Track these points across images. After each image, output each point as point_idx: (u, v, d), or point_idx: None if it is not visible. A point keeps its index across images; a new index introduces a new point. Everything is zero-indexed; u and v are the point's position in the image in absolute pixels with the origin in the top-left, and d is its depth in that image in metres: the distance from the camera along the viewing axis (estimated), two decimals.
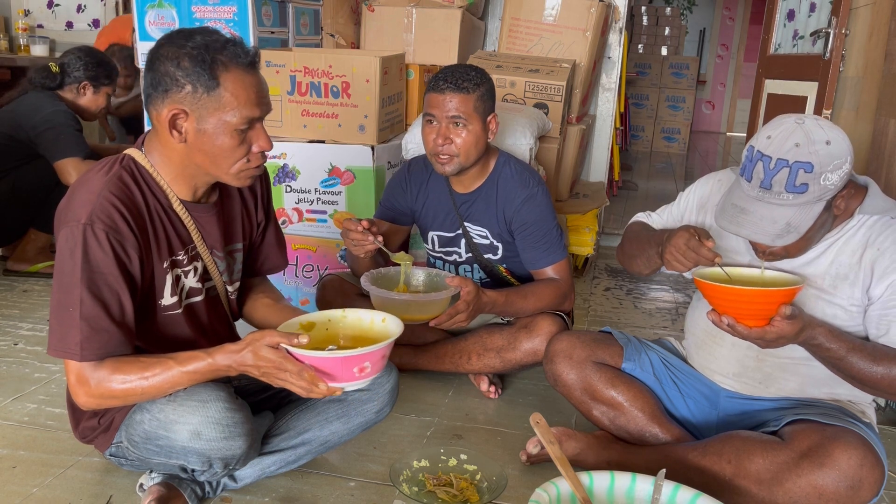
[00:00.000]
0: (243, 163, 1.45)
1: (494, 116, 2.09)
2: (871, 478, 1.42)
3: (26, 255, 3.16)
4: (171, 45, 1.38)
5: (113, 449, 1.57)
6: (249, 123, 1.42)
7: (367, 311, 1.58)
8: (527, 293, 2.11)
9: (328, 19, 3.36)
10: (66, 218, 1.37)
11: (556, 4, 3.40)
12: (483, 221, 2.20)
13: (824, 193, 1.40)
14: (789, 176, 1.38)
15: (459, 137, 2.02)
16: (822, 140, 1.38)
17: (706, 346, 1.76)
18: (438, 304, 1.87)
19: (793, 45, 3.34)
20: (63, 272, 1.36)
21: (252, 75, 1.42)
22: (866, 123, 2.62)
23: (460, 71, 2.04)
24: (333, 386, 1.38)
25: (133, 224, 1.39)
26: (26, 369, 2.27)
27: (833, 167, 1.38)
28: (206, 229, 1.55)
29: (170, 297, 1.50)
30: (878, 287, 1.48)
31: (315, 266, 2.78)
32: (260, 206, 1.71)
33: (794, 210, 1.40)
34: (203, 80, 1.36)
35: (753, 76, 3.84)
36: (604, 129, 4.04)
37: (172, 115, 1.38)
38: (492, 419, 2.10)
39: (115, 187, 1.39)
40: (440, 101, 2.02)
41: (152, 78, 1.39)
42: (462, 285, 1.89)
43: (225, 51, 1.38)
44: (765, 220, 1.41)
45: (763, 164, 1.41)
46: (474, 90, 2.02)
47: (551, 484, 1.38)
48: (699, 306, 1.79)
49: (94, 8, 4.84)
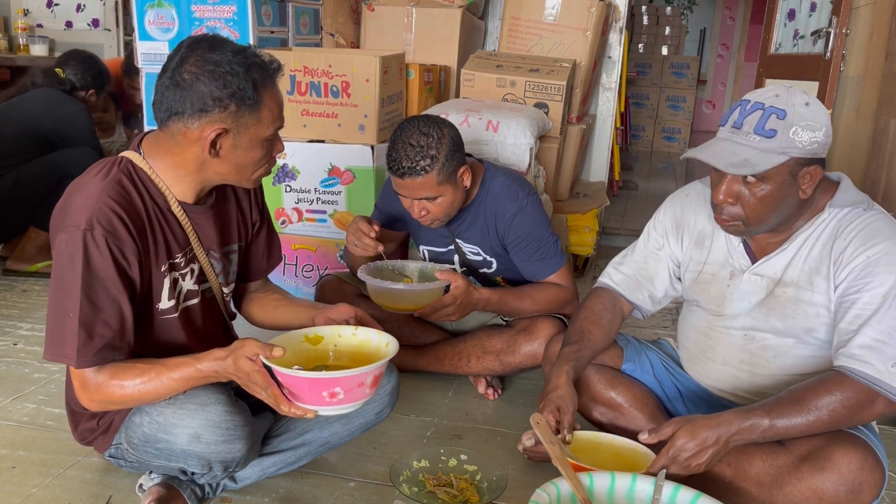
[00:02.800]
0: (264, 168, 1.49)
1: (465, 169, 2.00)
2: (871, 481, 1.42)
3: (26, 254, 3.15)
4: (206, 62, 1.35)
5: (112, 450, 1.57)
6: (276, 132, 1.45)
7: (378, 333, 1.54)
8: (523, 294, 2.10)
9: (328, 19, 3.36)
10: (65, 223, 1.35)
11: (557, 4, 3.40)
12: (475, 239, 2.17)
13: (789, 147, 1.41)
14: (761, 118, 1.42)
15: (434, 206, 1.99)
16: (801, 100, 1.44)
17: (698, 360, 1.76)
18: (429, 296, 1.88)
19: (793, 45, 3.34)
20: (62, 277, 1.34)
21: (276, 87, 1.45)
22: (867, 123, 2.61)
23: (415, 148, 1.90)
24: (305, 408, 1.36)
25: (132, 229, 1.38)
26: (26, 369, 2.27)
27: (805, 125, 1.41)
28: (203, 230, 1.54)
29: (167, 301, 1.49)
30: (840, 275, 1.48)
31: (315, 266, 2.78)
32: (255, 206, 1.70)
33: (756, 152, 1.42)
34: (249, 98, 1.37)
35: (754, 76, 3.84)
36: (604, 129, 4.03)
37: (216, 134, 1.37)
38: (492, 419, 2.10)
39: (113, 191, 1.37)
40: (403, 186, 1.95)
41: (183, 96, 1.35)
42: (452, 280, 1.89)
43: (259, 66, 1.40)
44: (725, 152, 1.45)
45: (741, 107, 1.47)
46: (432, 167, 1.90)
47: (551, 484, 1.38)
48: (689, 318, 1.78)
49: (94, 8, 4.84)
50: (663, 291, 1.78)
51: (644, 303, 1.79)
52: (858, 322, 1.44)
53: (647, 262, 1.78)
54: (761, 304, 1.59)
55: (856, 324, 1.44)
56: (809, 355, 1.57)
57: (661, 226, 1.77)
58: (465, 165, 2.01)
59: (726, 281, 1.65)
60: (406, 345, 2.31)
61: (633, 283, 1.79)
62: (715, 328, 1.69)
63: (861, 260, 1.45)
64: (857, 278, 1.45)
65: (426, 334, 2.28)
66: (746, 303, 1.61)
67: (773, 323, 1.58)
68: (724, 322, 1.66)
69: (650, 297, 1.79)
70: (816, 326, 1.54)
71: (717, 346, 1.69)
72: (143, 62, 2.90)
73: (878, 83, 2.54)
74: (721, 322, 1.67)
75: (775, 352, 1.60)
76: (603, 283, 1.83)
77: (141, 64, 2.91)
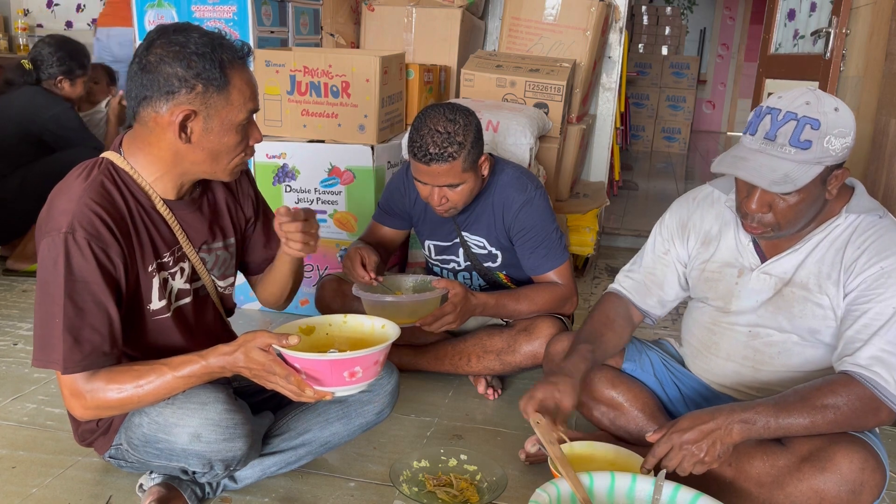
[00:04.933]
0: (240, 157, 1.46)
1: (486, 158, 2.02)
2: (872, 481, 1.42)
3: (26, 253, 3.16)
4: (171, 44, 1.35)
5: (112, 451, 1.57)
6: (249, 118, 1.43)
7: (369, 318, 1.57)
8: (520, 296, 2.10)
9: (328, 19, 3.35)
10: (48, 227, 1.33)
11: (557, 4, 3.40)
12: (481, 231, 2.18)
13: (824, 157, 1.40)
14: (795, 129, 1.40)
15: (454, 193, 1.99)
16: (831, 105, 1.41)
17: (701, 356, 1.76)
18: (428, 306, 1.88)
19: (793, 45, 3.34)
20: (46, 282, 1.33)
21: (248, 69, 1.43)
22: (867, 123, 2.61)
23: (442, 135, 1.88)
24: (322, 390, 1.37)
25: (116, 230, 1.36)
26: (25, 369, 2.27)
27: (838, 133, 1.39)
28: (192, 226, 1.53)
29: (158, 302, 1.47)
30: (852, 283, 1.48)
31: (315, 266, 2.78)
32: (247, 199, 1.69)
33: (794, 165, 1.40)
34: (215, 79, 1.35)
35: (754, 76, 3.84)
36: (604, 129, 4.03)
37: (184, 116, 1.36)
38: (492, 419, 2.10)
39: (95, 193, 1.36)
40: (427, 172, 1.93)
41: (150, 80, 1.35)
42: (449, 287, 1.89)
43: (225, 48, 1.38)
44: (764, 167, 1.42)
45: (771, 116, 1.43)
46: (459, 153, 1.90)
47: (551, 484, 1.38)
48: (694, 314, 1.78)
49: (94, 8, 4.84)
50: (673, 295, 1.78)
51: (654, 308, 1.79)
52: (868, 332, 1.43)
53: (655, 267, 1.78)
54: (769, 303, 1.59)
55: (865, 333, 1.44)
56: (813, 353, 1.58)
57: (667, 230, 1.77)
58: (485, 154, 2.02)
59: (735, 278, 1.64)
60: (406, 345, 2.31)
61: (642, 289, 1.79)
62: (720, 324, 1.69)
63: (875, 270, 1.45)
64: (870, 288, 1.45)
65: (426, 334, 2.28)
66: (754, 301, 1.61)
67: (780, 321, 1.58)
68: (730, 318, 1.66)
69: (659, 301, 1.79)
70: (822, 328, 1.54)
71: (721, 342, 1.69)
72: None
73: (878, 83, 2.53)
74: (726, 318, 1.67)
75: (779, 348, 1.60)
76: (614, 290, 1.83)
77: None
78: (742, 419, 1.40)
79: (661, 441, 1.43)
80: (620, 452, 1.60)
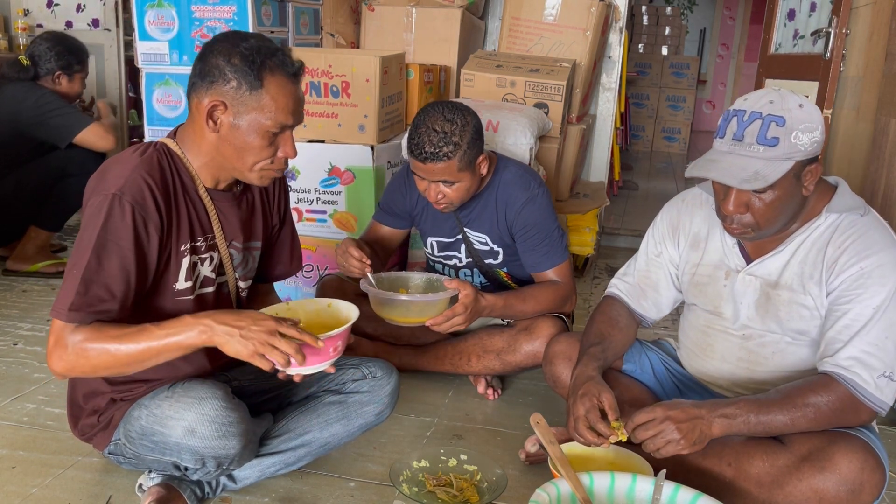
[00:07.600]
0: (266, 163, 1.49)
1: (484, 157, 2.03)
2: (871, 481, 1.42)
3: (26, 253, 3.15)
4: (227, 41, 1.44)
5: (112, 447, 1.57)
6: (281, 129, 1.47)
7: (312, 300, 1.62)
8: (526, 296, 2.10)
9: (328, 19, 3.35)
10: (99, 188, 1.40)
11: (557, 4, 3.40)
12: (483, 228, 2.19)
13: (793, 152, 1.42)
14: (761, 128, 1.42)
15: (451, 190, 2.01)
16: (795, 102, 1.44)
17: (697, 358, 1.76)
18: (438, 306, 1.87)
19: (793, 45, 3.34)
20: (82, 237, 1.38)
21: (294, 85, 1.48)
22: (867, 123, 2.61)
23: (438, 134, 1.91)
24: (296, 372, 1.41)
25: (161, 203, 1.42)
26: (26, 369, 2.27)
27: (804, 128, 1.42)
28: (228, 219, 1.58)
29: (184, 282, 1.51)
30: (833, 283, 1.49)
31: (315, 266, 2.78)
32: (276, 208, 1.74)
33: (764, 163, 1.42)
34: (248, 78, 1.41)
35: (754, 76, 3.83)
36: (604, 129, 4.03)
37: (212, 105, 1.43)
38: (492, 419, 2.10)
39: (148, 166, 1.43)
40: (423, 169, 1.97)
41: (201, 68, 1.44)
42: (460, 288, 1.89)
43: (274, 57, 1.44)
44: (734, 167, 1.44)
45: (738, 118, 1.46)
46: (454, 153, 1.92)
47: (551, 484, 1.38)
48: (689, 317, 1.79)
49: (94, 7, 4.83)
50: (667, 297, 1.79)
51: (648, 311, 1.80)
52: (848, 333, 1.45)
53: (649, 270, 1.79)
54: (757, 306, 1.60)
55: (845, 334, 1.45)
56: (808, 353, 1.58)
57: (659, 232, 1.78)
58: (483, 154, 2.03)
59: (722, 281, 1.65)
60: (406, 344, 2.31)
61: (637, 292, 1.79)
62: (713, 327, 1.69)
63: (855, 270, 1.46)
64: (850, 288, 1.46)
65: (426, 334, 2.28)
66: (742, 304, 1.62)
67: (770, 324, 1.59)
68: (722, 322, 1.67)
69: (654, 304, 1.79)
70: (810, 329, 1.55)
71: (715, 345, 1.70)
72: (142, 62, 2.90)
73: (878, 83, 2.53)
74: (719, 322, 1.68)
75: (773, 349, 1.61)
76: (611, 293, 1.84)
77: (141, 64, 2.91)
78: (723, 413, 1.43)
79: (645, 410, 1.44)
80: (620, 452, 1.60)
